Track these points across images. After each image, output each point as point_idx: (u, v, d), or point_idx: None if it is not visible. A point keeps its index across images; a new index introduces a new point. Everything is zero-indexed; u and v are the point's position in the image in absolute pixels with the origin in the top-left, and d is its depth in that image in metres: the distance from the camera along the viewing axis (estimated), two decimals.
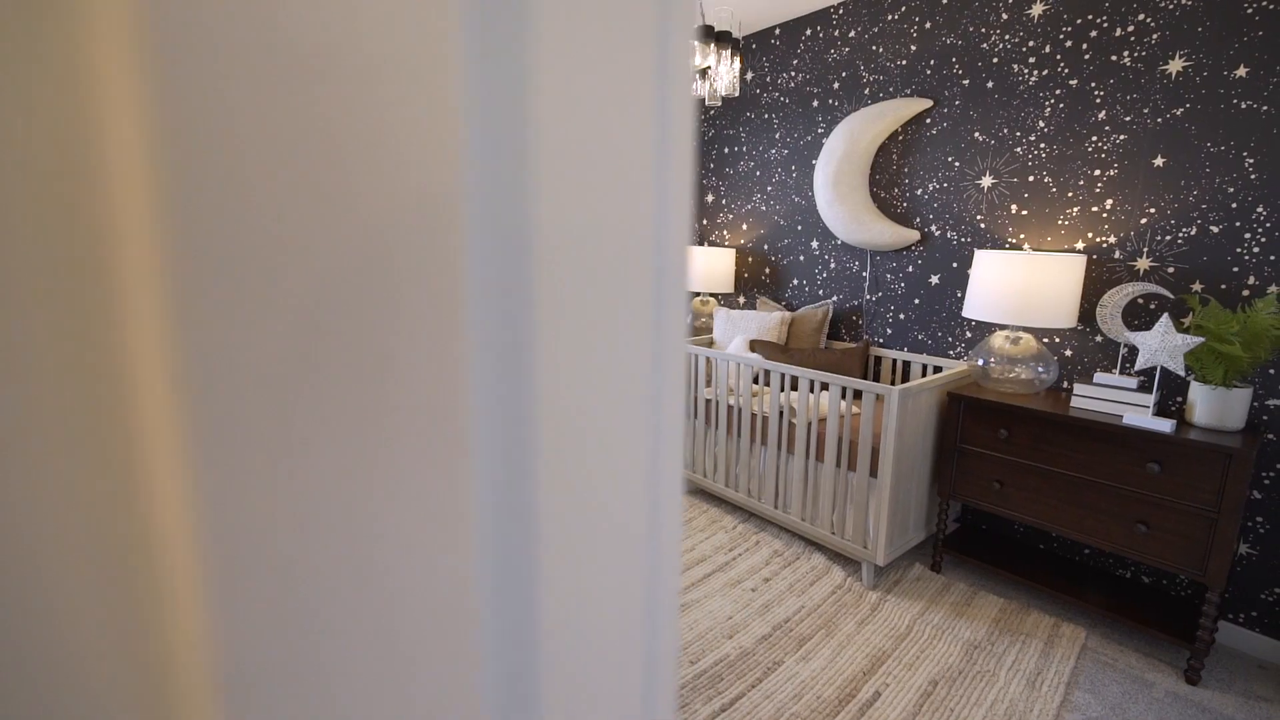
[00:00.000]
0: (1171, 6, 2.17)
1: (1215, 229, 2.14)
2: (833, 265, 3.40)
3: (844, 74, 3.20)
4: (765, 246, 3.76)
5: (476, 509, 0.23)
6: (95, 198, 0.15)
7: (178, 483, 0.17)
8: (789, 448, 2.82)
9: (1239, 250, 2.10)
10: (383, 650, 0.21)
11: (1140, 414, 2.10)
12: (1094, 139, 2.38)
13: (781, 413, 2.82)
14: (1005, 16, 2.58)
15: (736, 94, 2.21)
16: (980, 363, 2.52)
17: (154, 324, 0.16)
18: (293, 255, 0.18)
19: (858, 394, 3.15)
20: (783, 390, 2.84)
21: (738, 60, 2.13)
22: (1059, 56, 2.44)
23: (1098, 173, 2.39)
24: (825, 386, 3.07)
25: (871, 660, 2.11)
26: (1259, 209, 2.05)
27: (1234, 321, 1.92)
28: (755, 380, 3.27)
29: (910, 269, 3.04)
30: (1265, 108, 2.01)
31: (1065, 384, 2.57)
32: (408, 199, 0.20)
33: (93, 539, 0.16)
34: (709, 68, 2.16)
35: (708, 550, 2.84)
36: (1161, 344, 2.01)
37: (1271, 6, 1.97)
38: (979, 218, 2.75)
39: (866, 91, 3.12)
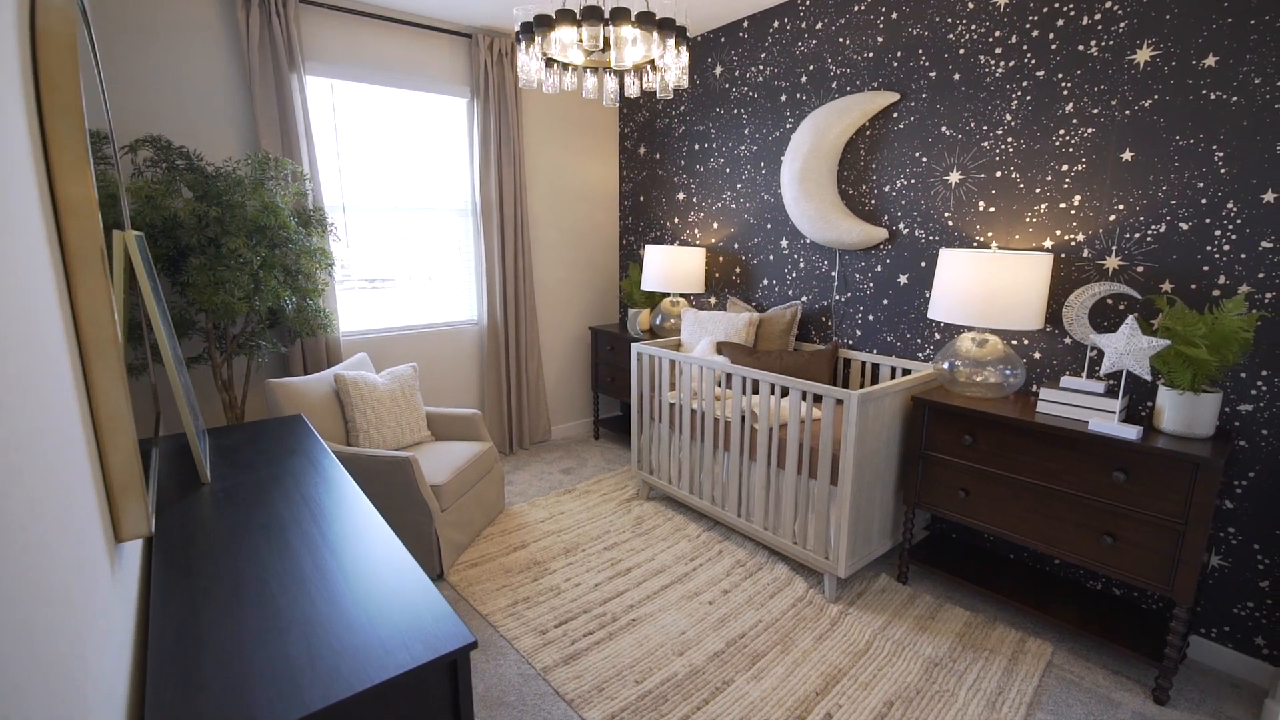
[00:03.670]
0: None
1: (1185, 226, 2.05)
2: (802, 265, 3.30)
3: (811, 67, 3.10)
4: (736, 245, 3.66)
5: None
6: None
7: None
8: (751, 454, 2.72)
9: (1209, 249, 2.00)
10: None
11: (1106, 420, 2.00)
12: (1061, 132, 2.28)
13: (744, 418, 2.72)
14: (971, 5, 2.48)
15: (685, 85, 2.10)
16: (946, 366, 2.42)
17: None
18: None
19: (819, 398, 3.05)
20: (745, 394, 2.74)
21: (685, 50, 2.02)
22: (1025, 47, 2.34)
23: (1065, 168, 2.29)
24: (786, 391, 2.98)
25: (826, 679, 2.01)
26: (1229, 205, 1.95)
27: (1201, 323, 1.83)
28: (719, 384, 3.17)
29: (879, 268, 2.94)
30: (1235, 98, 1.92)
31: (1034, 387, 2.47)
32: None
33: None
34: (653, 61, 2.06)
35: (668, 560, 2.74)
36: (1127, 347, 1.91)
37: None
38: (946, 215, 2.66)
39: (834, 85, 3.02)
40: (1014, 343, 2.51)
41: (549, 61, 2.14)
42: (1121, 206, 2.18)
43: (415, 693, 0.99)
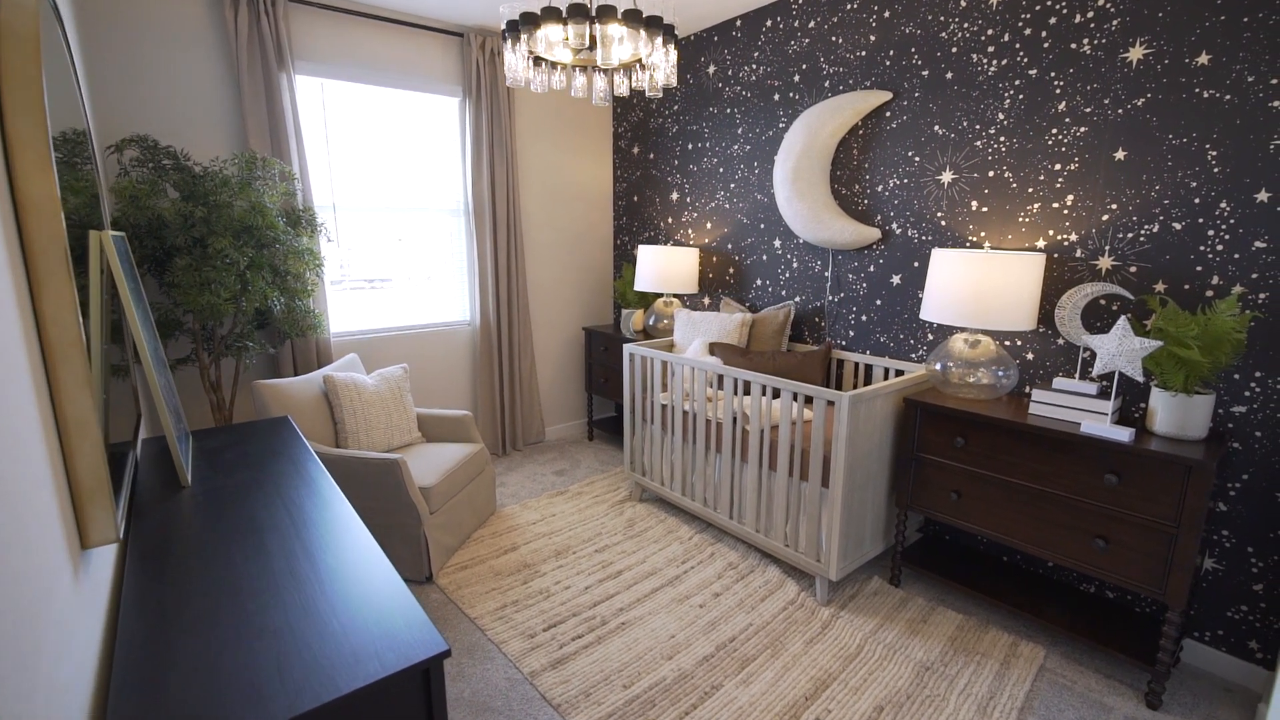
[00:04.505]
0: None
1: (1178, 225, 2.03)
2: (795, 265, 3.28)
3: (804, 66, 3.08)
4: (729, 245, 3.64)
5: None
6: None
7: None
8: (742, 455, 2.70)
9: (1202, 248, 1.99)
10: None
11: (1099, 422, 1.99)
12: (1054, 131, 2.27)
13: (735, 419, 2.70)
14: (964, 4, 2.46)
15: (675, 84, 2.09)
16: (939, 367, 2.40)
17: None
18: None
19: (810, 399, 3.03)
20: (736, 395, 2.72)
21: (673, 48, 2.00)
22: (1018, 45, 2.33)
23: (1058, 167, 2.27)
24: (777, 392, 2.96)
25: (816, 684, 1.99)
26: (1222, 204, 1.93)
27: (1194, 324, 1.81)
28: (711, 385, 3.15)
29: (872, 269, 2.93)
30: (1228, 97, 1.90)
31: (1027, 389, 2.45)
32: None
33: None
34: (640, 60, 2.04)
35: (659, 563, 2.72)
36: (1119, 348, 1.89)
37: None
38: (939, 215, 2.64)
39: (827, 84, 3.00)
40: (1007, 344, 2.49)
41: (536, 60, 2.13)
42: (1114, 206, 2.16)
43: (387, 702, 0.97)
